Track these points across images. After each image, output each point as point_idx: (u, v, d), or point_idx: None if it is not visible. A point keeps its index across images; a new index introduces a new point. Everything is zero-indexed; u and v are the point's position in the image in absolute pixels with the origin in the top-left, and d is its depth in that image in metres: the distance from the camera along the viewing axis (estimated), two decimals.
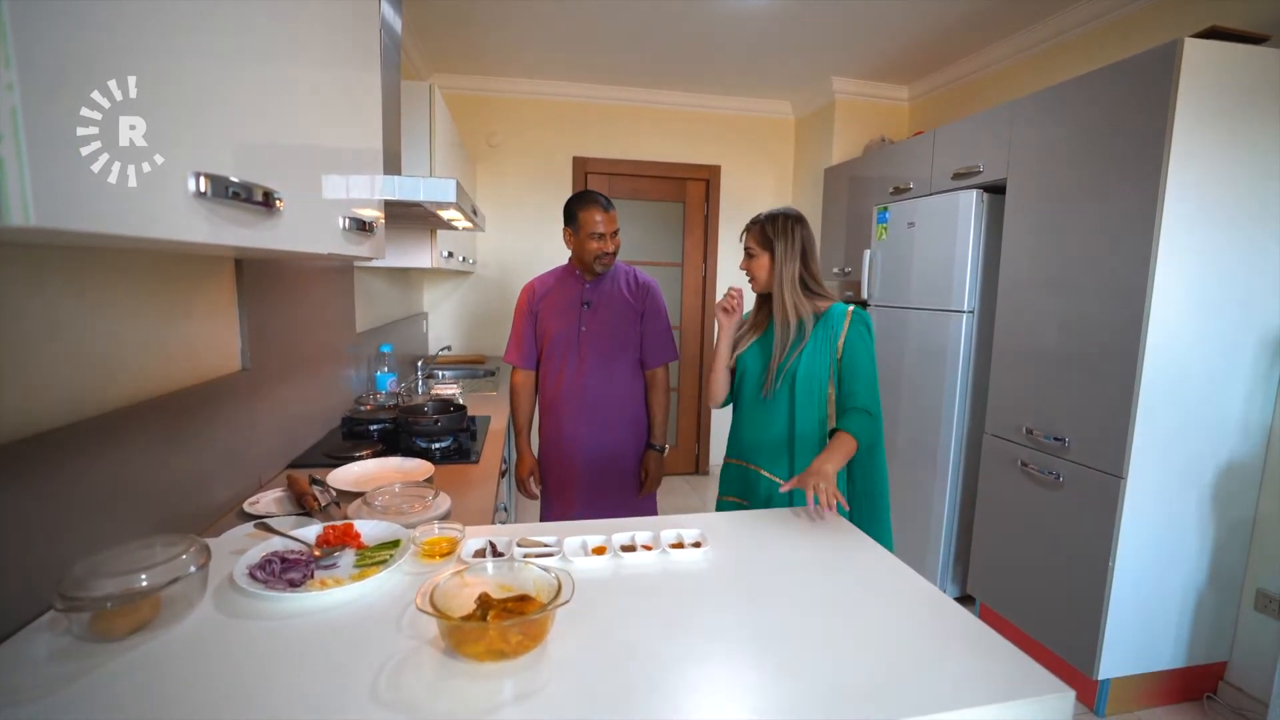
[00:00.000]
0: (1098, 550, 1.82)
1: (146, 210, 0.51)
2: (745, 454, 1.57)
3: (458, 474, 1.55)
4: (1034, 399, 2.08)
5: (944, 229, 2.43)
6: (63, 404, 0.85)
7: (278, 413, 1.52)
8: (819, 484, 1.17)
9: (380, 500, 1.22)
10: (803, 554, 1.03)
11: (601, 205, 1.76)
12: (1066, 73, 2.34)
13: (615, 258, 1.82)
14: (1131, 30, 2.28)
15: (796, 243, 1.46)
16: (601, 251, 1.78)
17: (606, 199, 1.79)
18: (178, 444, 1.10)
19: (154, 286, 1.08)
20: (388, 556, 0.92)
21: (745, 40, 2.93)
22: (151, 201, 0.51)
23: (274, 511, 1.23)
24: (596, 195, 1.79)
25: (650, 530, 1.03)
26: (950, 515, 2.49)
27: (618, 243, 1.81)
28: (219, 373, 1.28)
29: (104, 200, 0.47)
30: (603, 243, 1.77)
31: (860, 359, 1.43)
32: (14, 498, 0.75)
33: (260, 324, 1.43)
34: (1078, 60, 2.45)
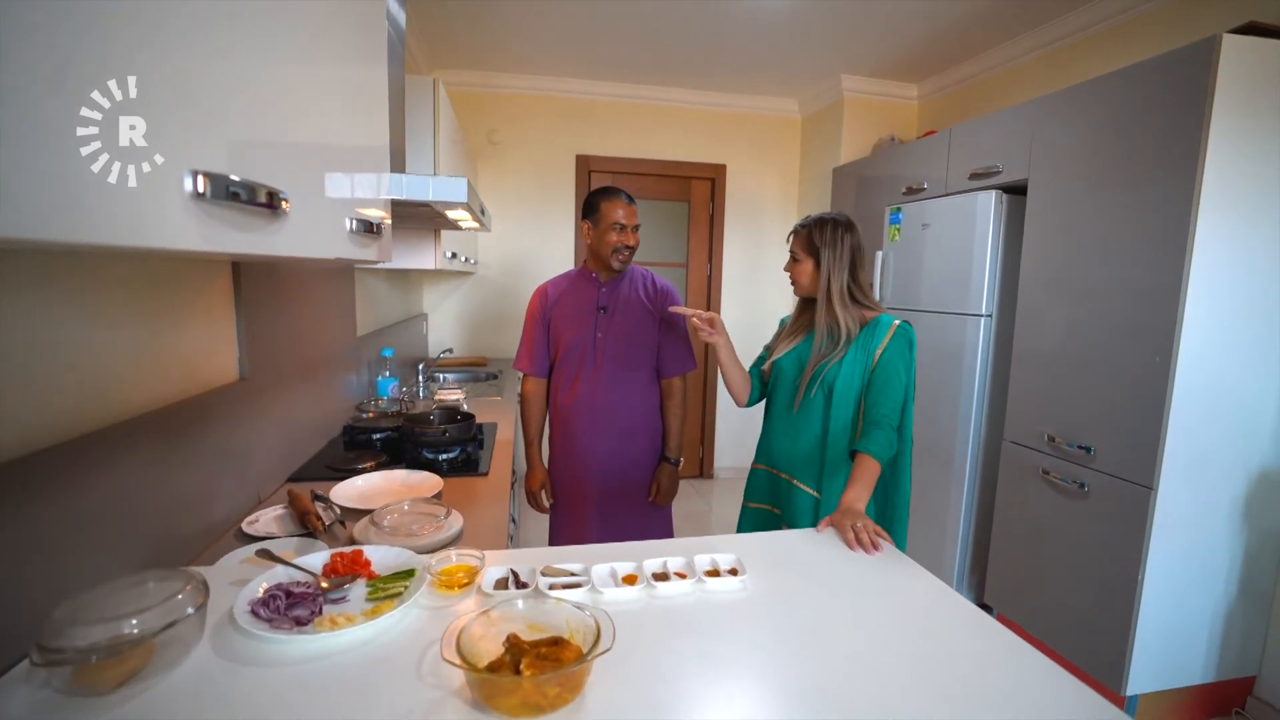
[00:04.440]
0: (1126, 563, 1.76)
1: (135, 215, 0.44)
2: (776, 461, 1.51)
3: (466, 487, 1.47)
4: (1057, 406, 2.02)
5: (961, 231, 2.37)
6: (45, 423, 0.77)
7: (277, 424, 1.45)
8: (855, 524, 1.10)
9: (388, 520, 1.15)
10: (846, 580, 0.96)
11: (624, 198, 1.72)
12: (1084, 72, 2.28)
13: (633, 255, 1.75)
14: (1149, 28, 2.22)
15: (845, 252, 1.39)
16: (622, 244, 1.70)
17: (629, 195, 1.74)
18: (172, 462, 1.03)
19: (145, 292, 1.00)
20: (402, 588, 0.85)
21: (753, 36, 2.86)
22: (144, 205, 0.44)
23: (274, 532, 1.15)
24: (617, 189, 1.74)
25: (682, 556, 0.96)
26: (966, 522, 2.43)
27: (638, 239, 1.74)
28: (215, 383, 1.20)
29: (93, 205, 0.40)
30: (624, 235, 1.70)
31: (894, 373, 1.36)
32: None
33: (258, 331, 1.35)
34: (1095, 59, 2.40)
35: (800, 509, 1.44)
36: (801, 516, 1.44)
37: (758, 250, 3.93)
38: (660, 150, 3.71)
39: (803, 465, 1.45)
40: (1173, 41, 1.58)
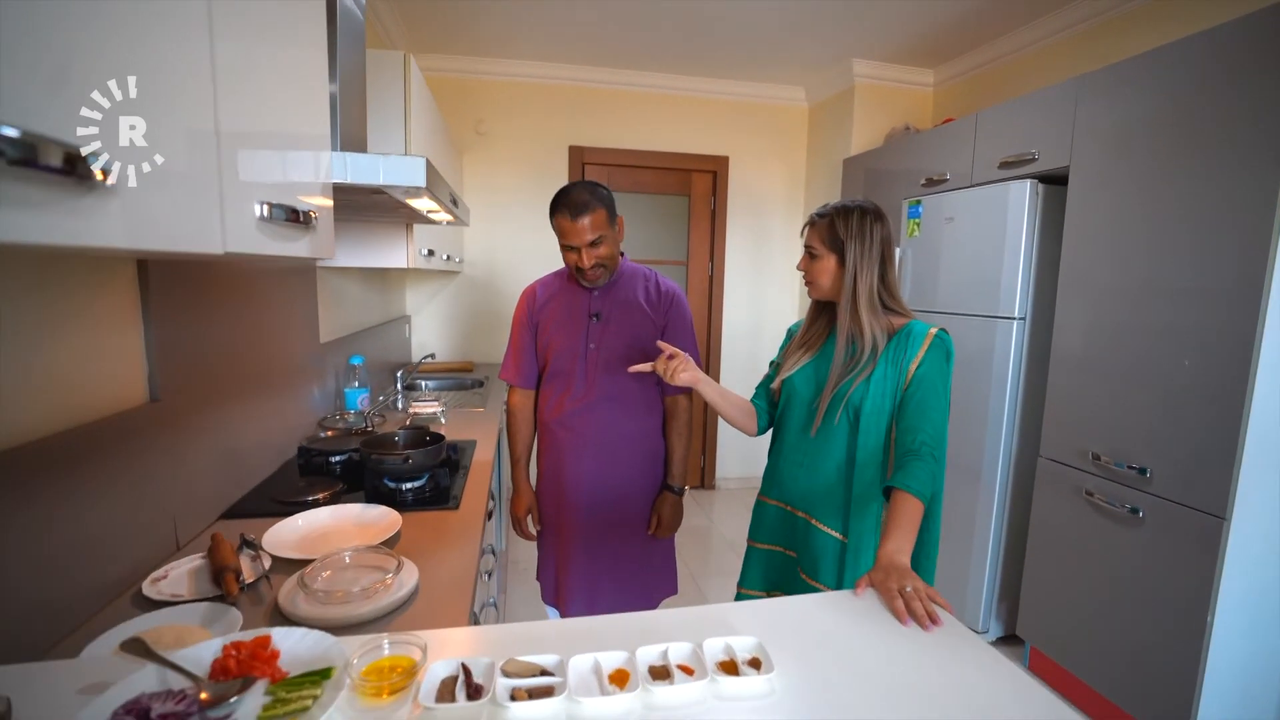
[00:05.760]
0: (1192, 600, 1.54)
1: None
2: (790, 496, 1.28)
3: (432, 525, 1.25)
4: (1103, 421, 1.80)
5: (990, 225, 2.15)
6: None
7: (206, 451, 1.22)
8: (904, 586, 0.88)
9: (322, 579, 0.93)
10: (902, 669, 0.74)
11: (569, 212, 1.35)
12: (1125, 51, 2.06)
13: (607, 271, 1.44)
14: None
15: (874, 247, 1.16)
16: (577, 266, 1.41)
17: (583, 200, 1.35)
18: (50, 506, 0.81)
19: (18, 300, 0.78)
20: (310, 700, 0.63)
21: (758, 19, 2.63)
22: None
23: (181, 593, 0.93)
24: (568, 197, 1.37)
25: (687, 640, 0.74)
26: (995, 546, 2.21)
27: (600, 254, 1.39)
28: (116, 407, 0.98)
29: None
30: (576, 256, 1.39)
31: (933, 391, 1.14)
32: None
33: (177, 342, 1.12)
34: (1141, 34, 2.17)
35: (821, 554, 1.22)
36: (824, 563, 1.22)
37: (762, 248, 3.71)
38: (658, 141, 3.48)
39: (823, 501, 1.23)
40: (1226, 16, 1.36)
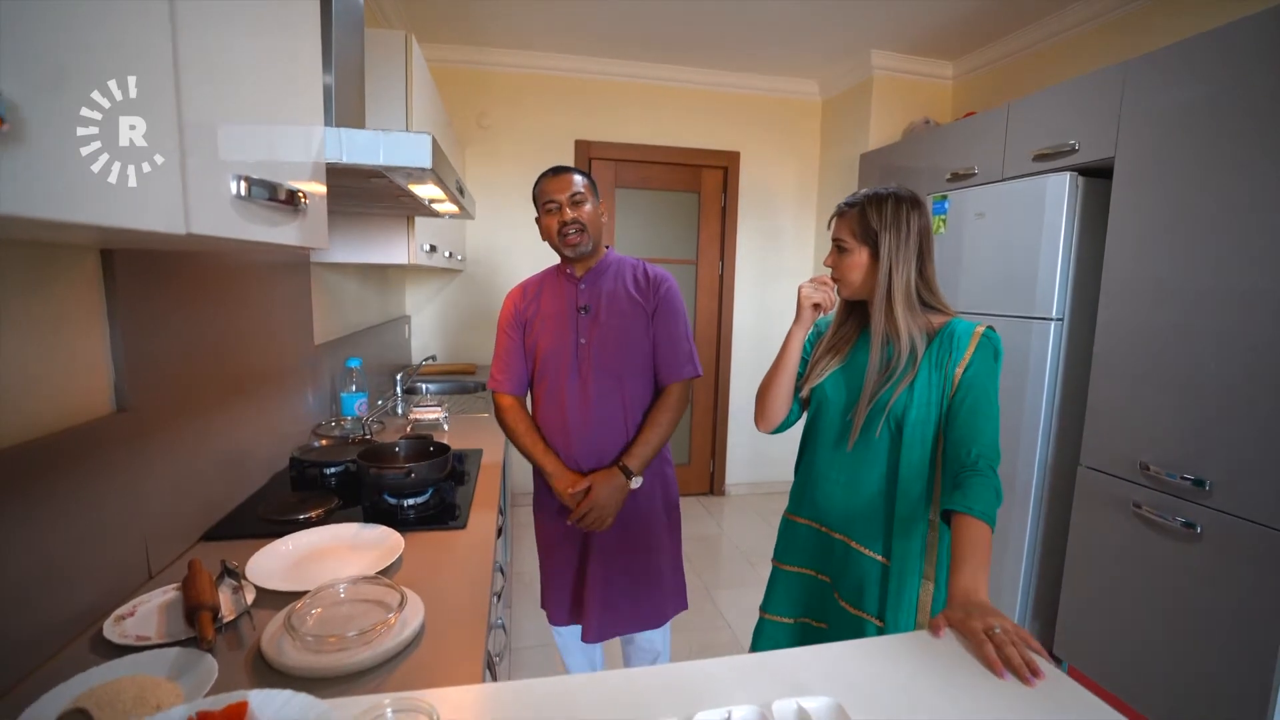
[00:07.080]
0: (1261, 625, 1.42)
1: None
2: (824, 516, 1.16)
3: (438, 546, 1.12)
4: (1154, 428, 1.68)
5: (1026, 221, 2.03)
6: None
7: (183, 465, 1.09)
8: (990, 627, 0.75)
9: (312, 619, 0.80)
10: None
11: (551, 173, 1.40)
12: (1154, 41, 1.94)
13: (589, 236, 1.38)
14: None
15: (912, 237, 1.04)
16: (560, 223, 1.37)
17: (565, 168, 1.41)
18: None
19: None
20: None
21: (774, 8, 2.51)
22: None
23: (149, 636, 0.80)
24: (550, 169, 1.42)
25: (753, 701, 0.61)
26: (1030, 559, 2.09)
27: (586, 213, 1.38)
28: (75, 419, 0.85)
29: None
30: (559, 212, 1.37)
31: (985, 399, 1.02)
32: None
33: (148, 345, 1.00)
34: (1185, 17, 2.05)
35: (863, 579, 1.10)
36: (867, 589, 1.09)
37: (774, 247, 3.59)
38: (667, 135, 3.36)
39: (863, 522, 1.10)
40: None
